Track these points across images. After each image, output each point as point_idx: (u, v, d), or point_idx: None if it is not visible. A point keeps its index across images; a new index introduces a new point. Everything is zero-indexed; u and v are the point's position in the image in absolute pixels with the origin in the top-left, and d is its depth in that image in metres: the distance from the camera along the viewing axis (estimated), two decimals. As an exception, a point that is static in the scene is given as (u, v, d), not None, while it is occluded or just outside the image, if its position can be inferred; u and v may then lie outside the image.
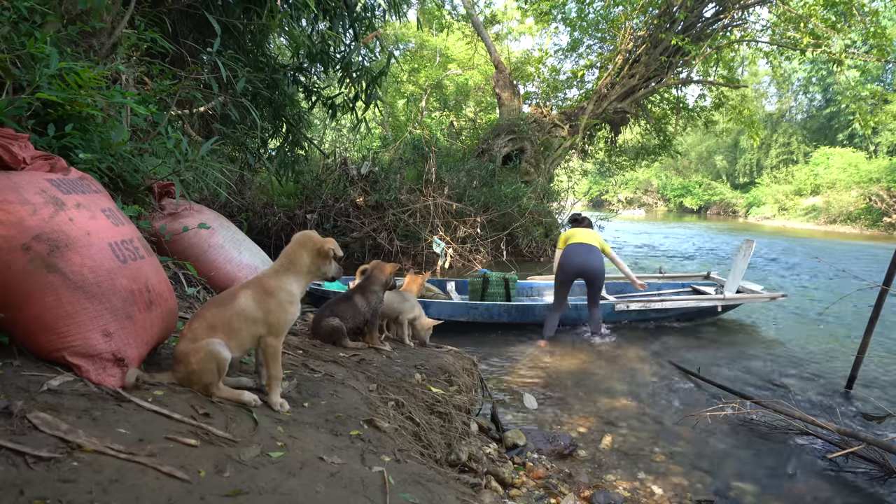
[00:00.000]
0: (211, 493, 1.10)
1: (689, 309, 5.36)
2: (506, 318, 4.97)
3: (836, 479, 2.57)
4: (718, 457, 2.75)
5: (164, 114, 3.03)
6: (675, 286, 6.17)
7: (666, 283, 6.20)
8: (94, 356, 1.47)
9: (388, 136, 11.77)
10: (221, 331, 1.65)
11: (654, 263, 9.90)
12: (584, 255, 4.64)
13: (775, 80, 25.87)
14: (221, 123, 4.88)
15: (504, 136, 10.43)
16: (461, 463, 2.15)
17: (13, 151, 1.56)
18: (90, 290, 1.47)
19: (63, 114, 2.13)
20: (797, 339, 5.06)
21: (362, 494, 1.31)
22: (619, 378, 3.87)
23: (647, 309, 5.20)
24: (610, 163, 14.34)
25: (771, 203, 26.91)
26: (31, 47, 2.02)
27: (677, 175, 36.58)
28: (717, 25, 10.28)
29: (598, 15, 11.54)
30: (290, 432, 1.54)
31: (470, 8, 12.34)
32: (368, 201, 8.09)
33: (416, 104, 14.66)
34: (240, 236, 3.22)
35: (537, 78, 12.89)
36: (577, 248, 4.70)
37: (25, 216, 1.41)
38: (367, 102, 5.94)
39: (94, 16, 2.72)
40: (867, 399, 3.41)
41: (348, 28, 5.58)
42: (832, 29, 9.43)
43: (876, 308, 3.48)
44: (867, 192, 21.08)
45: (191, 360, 1.58)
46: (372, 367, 2.41)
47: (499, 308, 4.93)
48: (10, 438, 1.07)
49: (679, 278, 6.41)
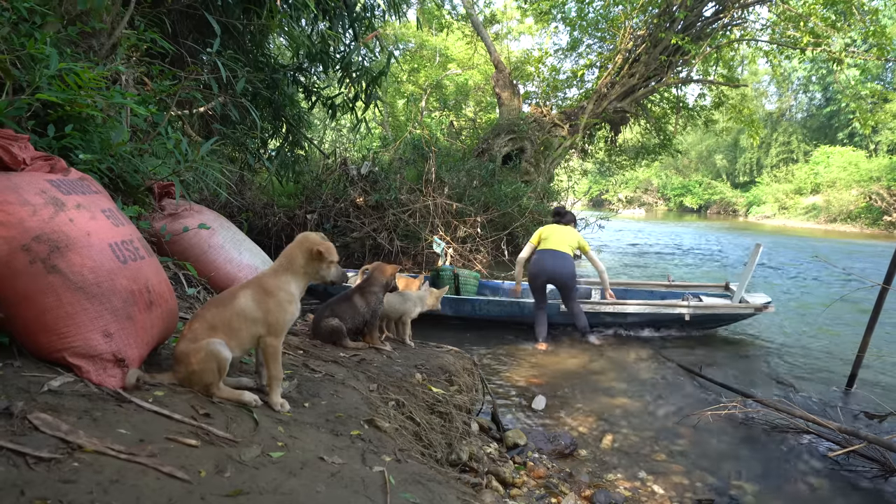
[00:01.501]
0: (211, 494, 1.10)
1: (648, 315, 4.89)
2: (449, 312, 4.91)
3: (837, 477, 2.57)
4: (719, 456, 2.75)
5: (163, 114, 3.03)
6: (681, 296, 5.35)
7: (671, 293, 5.51)
8: (95, 357, 1.47)
9: (388, 136, 11.76)
10: (222, 331, 1.65)
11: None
12: (552, 263, 4.52)
13: (775, 79, 25.85)
14: (221, 124, 4.88)
15: (504, 136, 10.43)
16: (462, 463, 2.15)
17: (13, 152, 1.56)
18: (90, 291, 1.47)
19: (63, 114, 2.13)
20: (798, 337, 5.06)
21: (363, 494, 1.31)
22: (619, 377, 3.87)
23: (597, 312, 4.86)
24: (610, 162, 14.35)
25: (771, 202, 26.93)
26: (30, 48, 2.01)
27: (677, 174, 36.59)
28: (717, 24, 10.28)
29: (597, 14, 11.54)
30: (291, 432, 1.54)
31: (470, 8, 12.35)
32: (368, 201, 8.08)
33: (416, 104, 14.66)
34: (240, 237, 3.22)
35: (537, 77, 12.89)
36: (546, 255, 4.58)
37: (25, 217, 1.41)
38: (367, 102, 5.94)
39: (94, 16, 2.72)
40: (868, 397, 3.41)
41: (348, 28, 5.58)
42: (832, 28, 9.43)
43: (876, 307, 3.47)
44: (867, 191, 21.09)
45: (191, 361, 1.58)
46: (372, 367, 2.41)
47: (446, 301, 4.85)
48: (11, 439, 1.07)
49: (691, 287, 5.68)
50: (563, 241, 4.65)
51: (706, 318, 4.96)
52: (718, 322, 5.08)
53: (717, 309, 4.94)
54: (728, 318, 5.04)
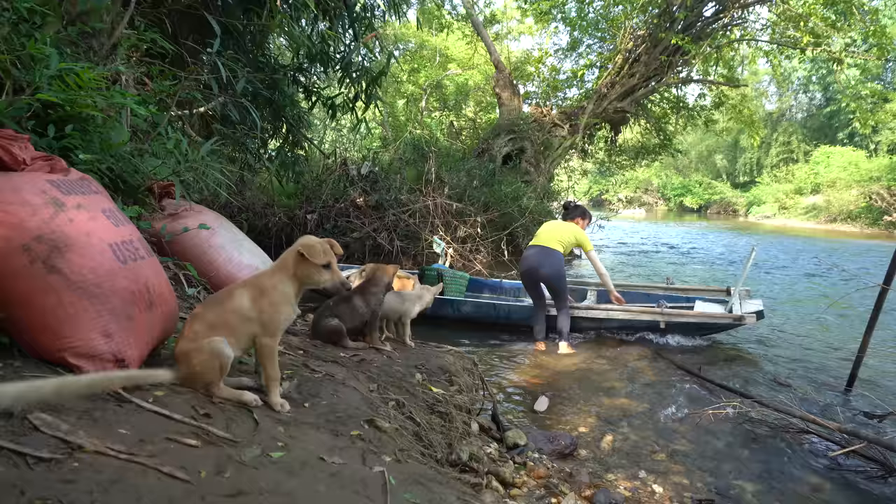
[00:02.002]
0: (212, 494, 1.10)
1: (623, 321, 4.67)
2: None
3: (837, 477, 2.57)
4: (719, 456, 2.75)
5: (164, 114, 3.03)
6: (678, 300, 5.31)
7: (670, 296, 5.36)
8: (95, 357, 1.47)
9: (388, 137, 11.77)
10: (222, 329, 1.64)
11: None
12: (533, 259, 4.39)
13: (775, 79, 25.83)
14: (221, 124, 4.87)
15: (504, 136, 10.44)
16: (462, 463, 2.15)
17: (13, 152, 1.56)
18: (90, 291, 1.47)
19: (63, 115, 2.13)
20: (797, 338, 5.06)
21: (363, 495, 1.31)
22: (619, 377, 3.87)
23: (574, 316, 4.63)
24: (610, 162, 14.35)
25: (771, 202, 26.92)
26: (31, 48, 2.02)
27: (677, 174, 36.58)
28: (717, 24, 10.29)
29: (597, 14, 11.55)
30: (291, 432, 1.54)
31: (470, 8, 12.35)
32: (368, 201, 8.09)
33: (416, 104, 14.67)
34: (240, 237, 3.22)
35: (537, 78, 12.90)
36: (530, 251, 4.47)
37: (25, 217, 1.41)
38: (367, 102, 5.94)
39: (94, 17, 2.72)
40: (868, 398, 3.40)
41: (348, 28, 5.58)
42: (832, 28, 9.44)
43: (876, 307, 3.48)
44: (867, 191, 21.07)
45: (192, 360, 1.58)
46: (372, 367, 2.41)
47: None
48: (11, 439, 1.07)
49: (691, 291, 5.54)
50: (553, 237, 4.47)
51: (684, 326, 4.65)
52: (700, 330, 4.74)
53: (689, 317, 4.60)
54: (708, 328, 4.71)
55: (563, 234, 4.52)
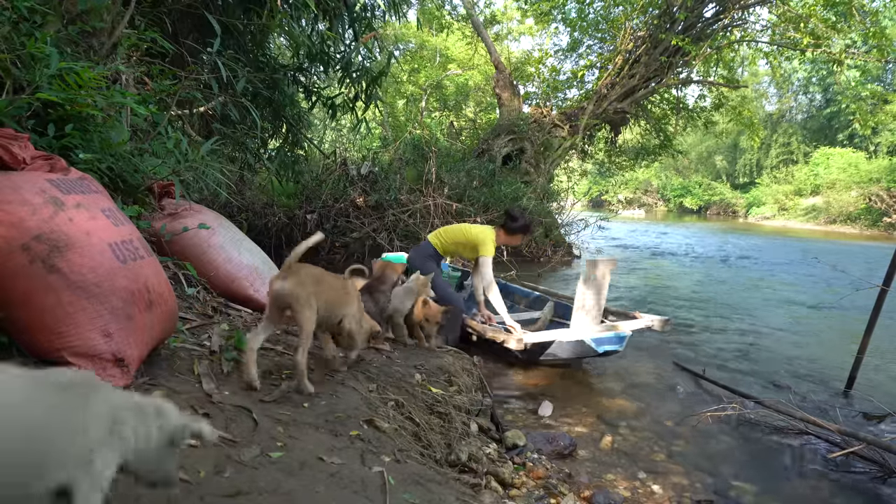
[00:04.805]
0: (211, 494, 1.10)
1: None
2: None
3: (837, 479, 2.57)
4: (719, 456, 2.75)
5: (164, 114, 3.03)
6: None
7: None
8: (94, 356, 1.47)
9: (388, 137, 11.77)
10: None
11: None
12: (410, 256, 4.08)
13: (775, 81, 25.88)
14: (221, 123, 4.87)
15: (504, 137, 10.44)
16: (461, 463, 2.15)
17: (13, 151, 1.56)
18: (90, 291, 1.47)
19: (63, 114, 2.13)
20: (797, 339, 5.06)
21: (362, 495, 1.31)
22: (618, 377, 3.86)
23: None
24: (610, 163, 14.34)
25: (771, 203, 26.92)
26: (31, 47, 2.01)
27: (677, 175, 36.57)
28: (717, 25, 10.29)
29: (598, 15, 11.56)
30: (290, 433, 1.54)
31: (470, 8, 12.35)
32: (368, 201, 8.08)
33: (416, 104, 14.67)
34: (239, 236, 3.21)
35: (537, 78, 12.90)
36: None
37: (25, 216, 1.41)
38: (367, 102, 5.94)
39: (94, 16, 2.72)
40: (867, 399, 3.40)
41: (348, 28, 5.58)
42: (832, 29, 9.44)
43: (875, 308, 3.47)
44: (867, 192, 21.09)
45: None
46: (372, 368, 2.41)
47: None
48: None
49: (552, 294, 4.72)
50: (435, 233, 4.11)
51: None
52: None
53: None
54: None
55: (449, 233, 4.13)
